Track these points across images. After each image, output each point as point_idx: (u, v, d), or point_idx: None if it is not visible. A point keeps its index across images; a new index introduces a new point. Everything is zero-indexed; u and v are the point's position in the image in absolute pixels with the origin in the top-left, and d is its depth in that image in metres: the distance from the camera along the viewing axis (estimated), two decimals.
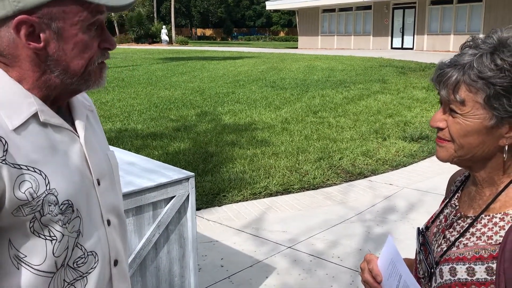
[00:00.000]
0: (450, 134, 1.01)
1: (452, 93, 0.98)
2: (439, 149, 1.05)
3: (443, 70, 1.00)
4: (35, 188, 0.94)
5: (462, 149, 1.01)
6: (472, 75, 0.95)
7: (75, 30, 0.97)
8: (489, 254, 0.98)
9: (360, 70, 15.38)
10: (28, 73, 0.98)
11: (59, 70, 1.00)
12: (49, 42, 0.96)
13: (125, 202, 2.29)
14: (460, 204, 1.12)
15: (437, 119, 1.04)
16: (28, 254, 0.96)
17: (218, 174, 5.53)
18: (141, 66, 18.23)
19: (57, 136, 1.01)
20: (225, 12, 66.11)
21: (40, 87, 1.00)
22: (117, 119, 8.57)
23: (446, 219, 1.13)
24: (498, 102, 0.94)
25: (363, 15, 29.80)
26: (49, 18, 0.95)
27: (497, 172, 1.03)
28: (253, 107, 9.55)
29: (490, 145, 0.99)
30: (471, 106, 0.97)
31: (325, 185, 5.34)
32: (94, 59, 1.02)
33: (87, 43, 1.00)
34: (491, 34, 0.99)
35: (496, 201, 1.02)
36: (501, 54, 0.94)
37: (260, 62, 19.19)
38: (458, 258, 1.02)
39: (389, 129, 7.63)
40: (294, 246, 3.89)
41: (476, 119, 0.97)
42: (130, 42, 39.33)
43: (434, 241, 1.13)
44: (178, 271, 2.64)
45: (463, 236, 1.04)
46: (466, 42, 1.01)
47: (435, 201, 4.79)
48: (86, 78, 1.03)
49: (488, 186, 1.05)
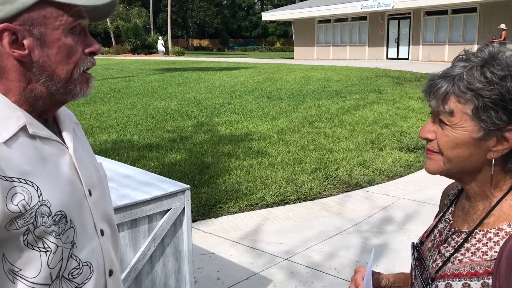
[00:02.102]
0: (439, 146, 1.02)
1: (442, 104, 0.99)
2: (428, 161, 1.06)
3: (433, 81, 1.01)
4: (28, 200, 0.94)
5: (451, 161, 1.01)
6: (461, 87, 0.96)
7: (57, 34, 0.98)
8: (485, 269, 0.97)
9: (356, 81, 15.44)
10: (14, 83, 0.99)
11: (44, 77, 1.00)
12: (33, 49, 0.97)
13: (120, 215, 2.28)
14: (454, 218, 1.12)
15: (426, 130, 1.04)
16: (23, 267, 0.95)
17: (215, 185, 5.51)
18: (137, 77, 18.24)
19: (46, 148, 1.01)
20: (222, 23, 66.38)
21: (26, 98, 1.00)
22: (113, 130, 8.56)
23: (441, 234, 1.12)
24: (486, 114, 0.95)
25: (358, 25, 29.99)
26: (30, 24, 0.95)
27: (487, 185, 1.03)
28: (249, 118, 9.56)
29: (478, 158, 0.99)
30: (460, 117, 0.97)
31: (322, 196, 5.33)
32: (79, 64, 1.02)
33: (71, 47, 1.00)
34: (483, 48, 1.00)
35: (489, 216, 1.02)
36: (491, 68, 0.95)
37: (256, 73, 19.24)
38: (454, 274, 1.02)
39: (385, 139, 7.64)
40: (290, 258, 3.87)
41: (464, 131, 0.98)
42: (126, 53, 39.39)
43: (429, 256, 1.13)
44: (174, 285, 2.62)
45: (458, 251, 1.04)
46: (459, 56, 1.03)
47: (432, 211, 4.78)
48: (71, 87, 1.03)
49: (481, 200, 1.05)
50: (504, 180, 1.02)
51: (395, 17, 27.76)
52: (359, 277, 1.24)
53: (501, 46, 1.00)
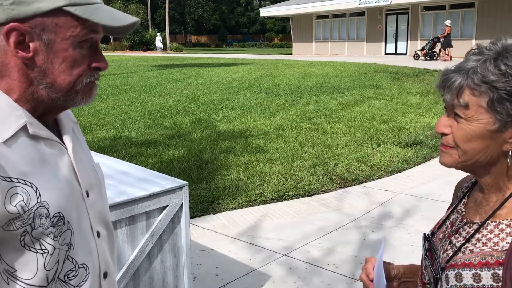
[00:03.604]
0: (454, 140, 1.02)
1: (456, 97, 0.99)
2: (443, 154, 1.06)
3: (447, 75, 1.02)
4: (27, 201, 0.93)
5: (466, 154, 1.02)
6: (475, 79, 0.96)
7: (66, 44, 0.97)
8: (496, 260, 0.98)
9: (354, 76, 15.43)
10: (15, 83, 0.98)
11: (45, 83, 0.99)
12: (38, 53, 0.96)
13: (118, 212, 2.27)
14: (467, 210, 1.12)
15: (441, 125, 1.05)
16: (19, 269, 0.95)
17: (213, 182, 5.51)
18: (135, 74, 18.21)
19: (46, 149, 1.00)
20: (220, 19, 66.28)
21: (27, 99, 1.00)
22: (111, 127, 8.54)
23: (452, 225, 1.13)
24: (501, 106, 0.95)
25: (356, 21, 29.95)
26: (41, 29, 0.94)
27: (502, 177, 1.03)
28: (247, 114, 9.55)
29: (494, 150, 1.00)
30: (475, 110, 0.98)
31: (320, 192, 5.33)
32: (82, 77, 1.01)
33: (76, 59, 0.99)
34: (496, 41, 1.01)
35: (502, 208, 1.03)
36: (504, 60, 0.95)
37: (254, 69, 19.22)
38: (464, 264, 1.02)
39: (384, 135, 7.64)
40: (289, 254, 3.87)
41: (480, 124, 0.98)
42: (124, 50, 39.33)
43: (440, 246, 1.13)
44: (172, 281, 2.62)
45: (469, 242, 1.05)
46: (471, 50, 1.03)
47: (431, 206, 4.79)
48: (72, 96, 1.02)
49: (495, 192, 1.05)
50: None
51: (393, 12, 27.72)
52: (369, 266, 1.25)
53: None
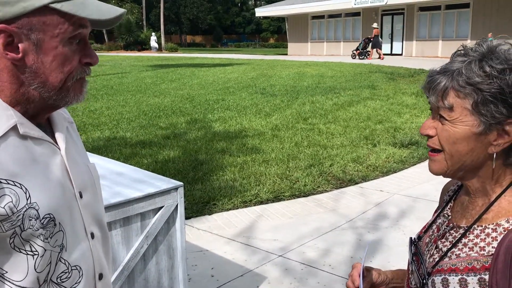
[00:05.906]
0: (440, 141, 1.01)
1: (441, 99, 0.99)
2: (431, 163, 1.06)
3: (432, 77, 1.01)
4: (15, 202, 0.91)
5: (452, 157, 1.01)
6: (460, 81, 0.96)
7: (55, 42, 0.96)
8: (482, 265, 0.97)
9: (349, 76, 15.44)
10: (6, 84, 0.96)
11: (37, 83, 0.97)
12: (27, 53, 0.95)
13: (112, 213, 2.25)
14: (453, 214, 1.12)
15: (426, 127, 1.04)
16: (9, 270, 0.93)
17: (208, 182, 5.49)
18: (130, 74, 18.16)
19: (37, 149, 0.99)
20: (215, 19, 66.20)
21: (18, 100, 0.98)
22: (106, 127, 8.51)
23: (439, 229, 1.12)
24: (486, 108, 0.95)
25: (352, 21, 29.99)
26: (28, 28, 0.93)
27: (489, 181, 1.03)
28: (243, 114, 9.53)
29: (479, 152, 0.99)
30: (460, 112, 0.97)
31: (316, 192, 5.32)
32: (73, 74, 1.00)
33: (67, 56, 0.98)
34: (481, 42, 1.00)
35: (488, 212, 1.02)
36: (489, 61, 0.95)
37: (250, 69, 19.20)
38: (451, 269, 1.01)
39: (379, 135, 7.64)
40: (285, 255, 3.86)
41: (465, 126, 0.98)
42: (119, 49, 39.22)
43: (427, 251, 1.13)
44: (167, 283, 2.60)
45: (456, 246, 1.04)
46: (457, 51, 1.03)
47: (426, 207, 4.78)
48: (64, 94, 1.01)
49: (481, 196, 1.05)
50: (504, 175, 1.02)
51: (388, 12, 27.78)
52: (355, 273, 1.24)
53: (500, 40, 1.00)
